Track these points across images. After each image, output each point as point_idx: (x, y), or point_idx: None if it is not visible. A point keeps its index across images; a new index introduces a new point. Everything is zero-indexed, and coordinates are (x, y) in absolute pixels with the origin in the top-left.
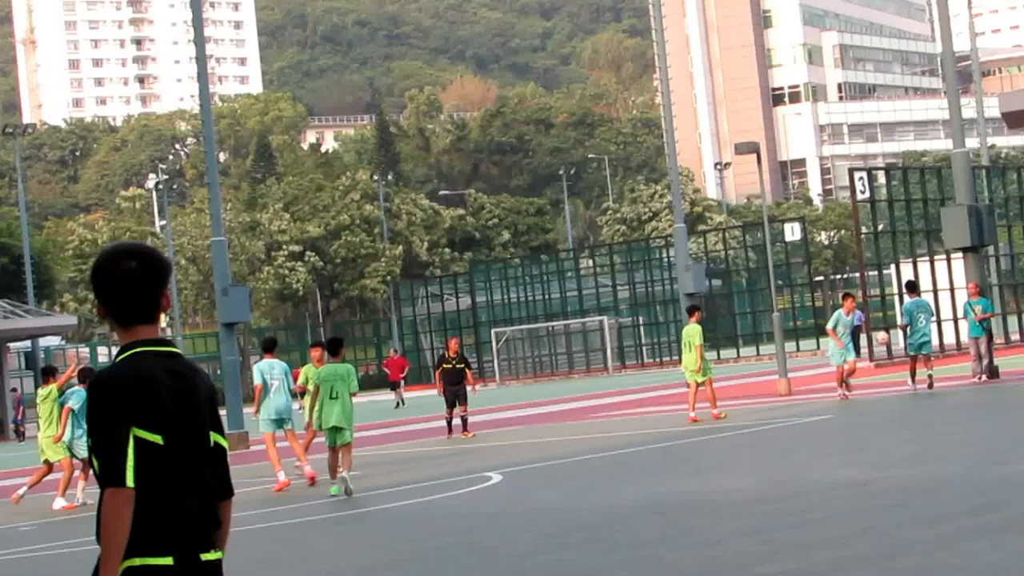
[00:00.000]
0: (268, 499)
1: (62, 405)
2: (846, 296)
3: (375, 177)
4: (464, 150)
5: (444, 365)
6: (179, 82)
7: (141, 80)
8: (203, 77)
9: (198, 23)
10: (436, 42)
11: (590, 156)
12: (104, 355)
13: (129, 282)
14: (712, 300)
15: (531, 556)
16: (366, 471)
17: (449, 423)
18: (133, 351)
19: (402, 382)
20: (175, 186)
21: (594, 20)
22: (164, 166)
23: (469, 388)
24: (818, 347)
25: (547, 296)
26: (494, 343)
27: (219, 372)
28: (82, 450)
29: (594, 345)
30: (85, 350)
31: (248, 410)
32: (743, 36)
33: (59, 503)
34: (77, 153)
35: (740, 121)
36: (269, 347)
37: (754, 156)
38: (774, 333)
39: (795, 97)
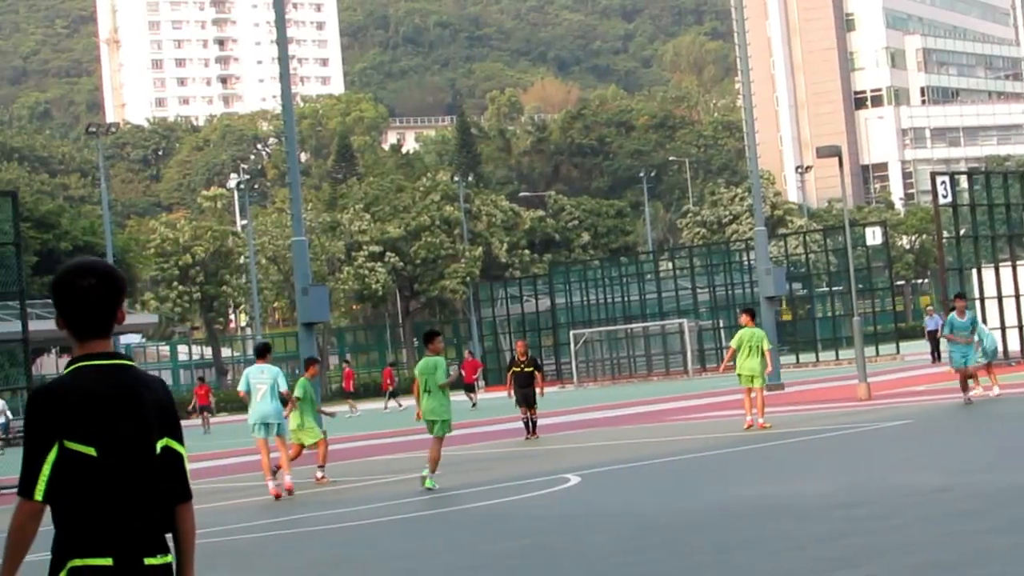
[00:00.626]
0: (340, 499)
1: None
2: (958, 297)
3: (455, 178)
4: (545, 152)
5: (514, 368)
6: (261, 82)
7: (224, 80)
8: (285, 77)
9: (281, 24)
10: (518, 44)
11: (671, 159)
12: (184, 353)
13: (86, 298)
14: (792, 304)
15: (608, 559)
16: (444, 471)
17: (526, 424)
18: (79, 364)
19: (476, 384)
20: (256, 186)
21: (676, 22)
22: (245, 166)
23: (538, 391)
24: (898, 352)
25: (626, 298)
26: (573, 345)
27: (297, 372)
28: None
29: (673, 348)
30: (165, 348)
31: (327, 410)
32: (825, 39)
33: None
34: (159, 152)
35: (821, 124)
36: (261, 352)
37: (835, 160)
38: (854, 337)
39: (877, 101)
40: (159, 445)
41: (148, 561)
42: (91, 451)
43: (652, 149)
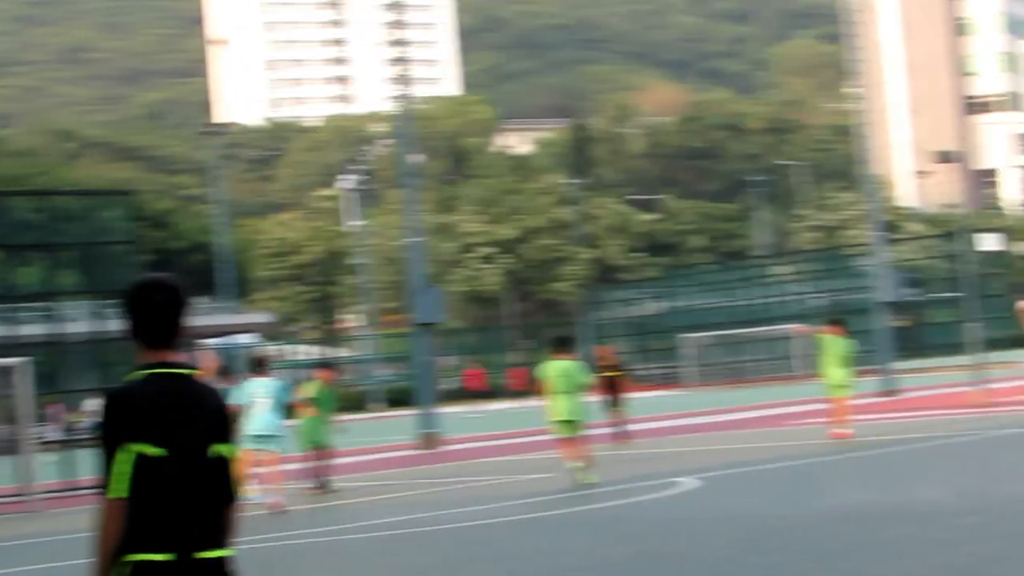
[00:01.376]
0: (455, 499)
1: None
2: None
3: (568, 181)
4: (657, 155)
5: (600, 372)
6: (375, 83)
7: (337, 81)
8: (401, 79)
9: (397, 25)
10: (630, 47)
11: (783, 162)
12: (298, 353)
13: (157, 311)
14: (905, 309)
15: (723, 563)
16: (557, 473)
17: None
18: (147, 372)
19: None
20: (369, 187)
21: (788, 26)
22: (359, 167)
23: (622, 395)
24: (1015, 359)
25: (740, 302)
26: (686, 349)
27: (410, 372)
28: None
29: (786, 352)
30: (281, 347)
31: (440, 411)
32: (937, 43)
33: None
34: (273, 153)
35: (934, 129)
36: (260, 366)
37: (948, 164)
38: (970, 344)
39: (992, 106)
40: (215, 451)
41: (203, 555)
42: (160, 452)
43: (765, 153)
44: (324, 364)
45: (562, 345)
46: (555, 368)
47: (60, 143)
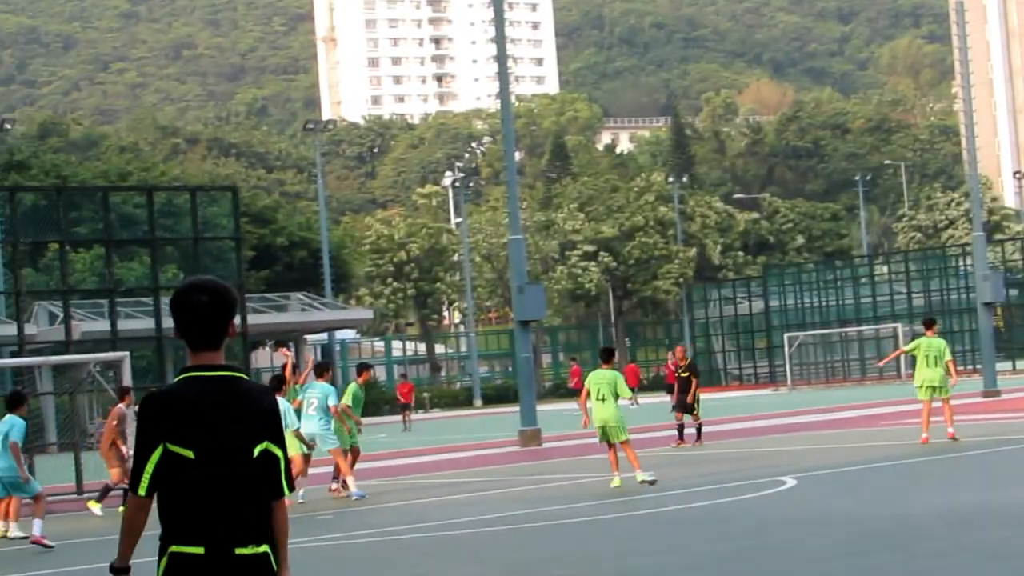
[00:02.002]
0: (556, 496)
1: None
2: None
3: (670, 179)
4: (759, 154)
5: (675, 372)
6: (476, 81)
7: (439, 79)
8: (503, 77)
9: (498, 23)
10: (733, 45)
11: (886, 162)
12: (398, 349)
13: (199, 313)
14: (1009, 310)
15: (824, 562)
16: (658, 471)
17: (680, 430)
18: (186, 375)
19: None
20: (471, 184)
21: (892, 25)
22: (460, 164)
23: (698, 396)
24: None
25: (840, 302)
26: (787, 347)
27: (510, 369)
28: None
29: (887, 352)
30: (380, 344)
31: (541, 408)
32: None
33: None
34: (375, 150)
35: None
36: (322, 371)
37: None
38: None
39: None
40: (258, 449)
41: (239, 551)
42: (189, 453)
43: (868, 152)
44: (362, 366)
45: (608, 355)
46: (597, 376)
47: (164, 139)
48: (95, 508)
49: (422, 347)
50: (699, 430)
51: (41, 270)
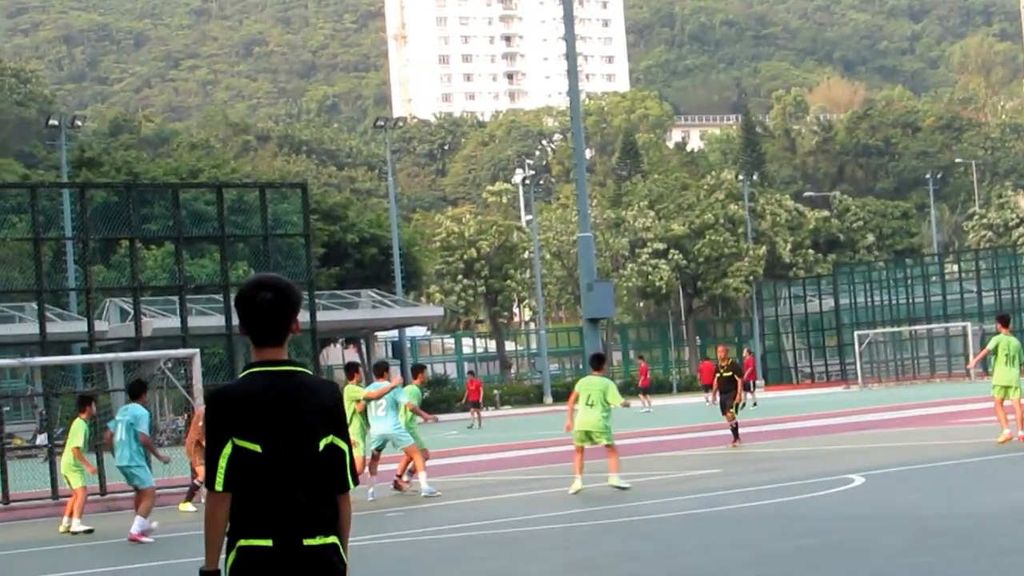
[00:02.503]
0: (622, 493)
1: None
2: None
3: (740, 177)
4: (830, 152)
5: (716, 372)
6: (547, 79)
7: (509, 76)
8: (573, 74)
9: (569, 21)
10: (804, 43)
11: (957, 160)
12: (468, 346)
13: (263, 309)
14: None
15: (893, 560)
16: (727, 469)
17: (735, 430)
18: (250, 370)
19: (751, 383)
20: (541, 182)
21: (964, 23)
22: (531, 161)
23: (742, 397)
24: None
25: (911, 300)
26: (856, 345)
27: (581, 366)
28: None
29: (957, 350)
30: (450, 341)
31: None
32: None
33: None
34: (445, 147)
35: None
36: (382, 371)
37: None
38: None
39: None
40: (323, 443)
41: (307, 542)
42: (256, 448)
43: (938, 150)
44: (417, 367)
45: (598, 362)
46: (588, 383)
47: (235, 136)
48: (187, 507)
49: (492, 344)
50: (735, 430)
51: (112, 267)
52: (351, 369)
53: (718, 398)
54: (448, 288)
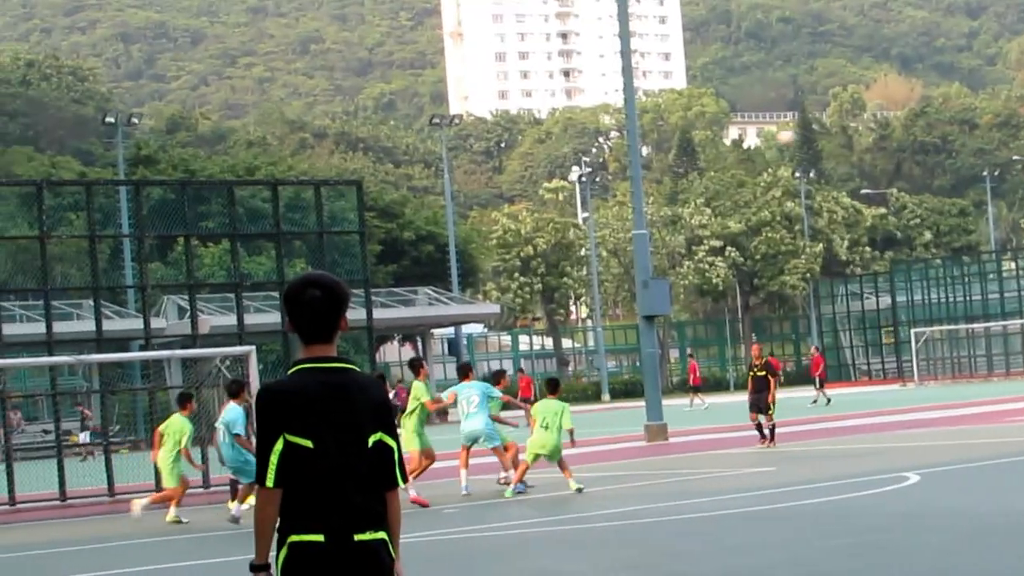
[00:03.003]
0: (679, 492)
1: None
2: None
3: (797, 174)
4: (887, 149)
5: (750, 372)
6: (603, 76)
7: (566, 73)
8: (628, 71)
9: (624, 18)
10: (860, 40)
11: (1015, 158)
12: (525, 344)
13: (312, 307)
14: None
15: (947, 557)
16: (780, 466)
17: (759, 429)
18: (299, 367)
19: (821, 380)
20: (598, 179)
21: (1021, 20)
22: (587, 159)
23: (770, 397)
24: None
25: (968, 297)
26: (913, 343)
27: (638, 364)
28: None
29: (1015, 348)
30: (507, 338)
31: (667, 403)
32: None
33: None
34: (502, 144)
35: None
36: (465, 371)
37: None
38: None
39: None
40: (372, 439)
41: (358, 537)
42: (308, 443)
43: (996, 148)
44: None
45: (554, 386)
46: (544, 407)
47: (291, 134)
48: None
49: (549, 342)
50: (772, 431)
51: (169, 264)
52: (416, 365)
53: (751, 397)
54: (505, 285)
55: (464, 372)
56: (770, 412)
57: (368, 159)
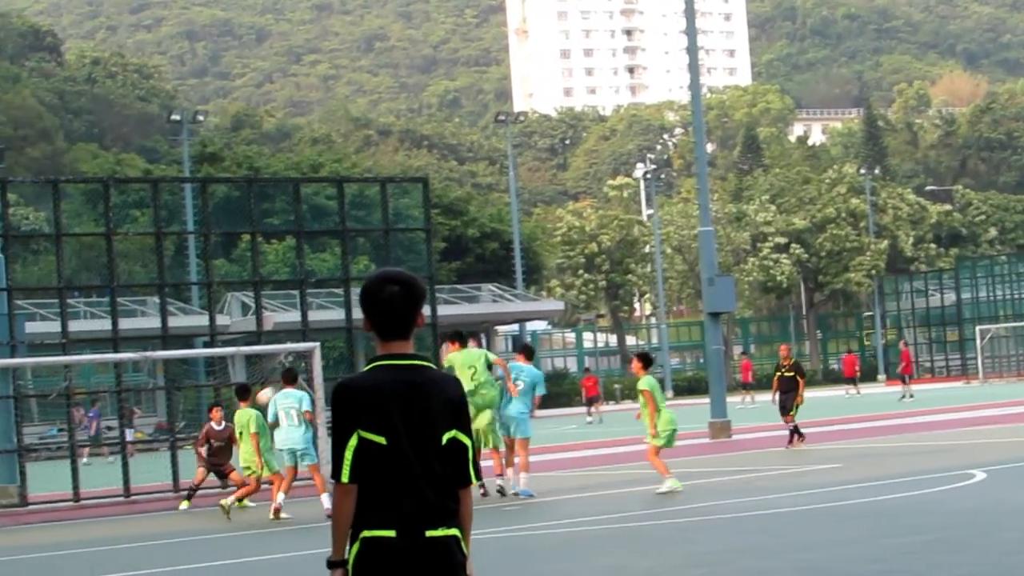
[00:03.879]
0: (743, 488)
1: None
2: None
3: (862, 171)
4: (952, 145)
5: (777, 372)
6: (668, 73)
7: (631, 70)
8: (694, 68)
9: (690, 15)
10: (926, 36)
11: None
12: (588, 341)
13: (390, 304)
14: None
15: (1014, 555)
16: (846, 463)
17: (796, 431)
18: (375, 364)
19: (907, 376)
20: (662, 176)
21: None
22: (652, 156)
23: (798, 399)
24: None
25: None
26: (978, 340)
27: (701, 360)
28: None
29: None
30: (571, 335)
31: (732, 400)
32: None
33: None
34: (566, 141)
35: None
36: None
37: None
38: None
39: None
40: (446, 437)
41: (429, 533)
42: (381, 440)
43: None
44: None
45: (526, 352)
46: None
47: (356, 131)
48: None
49: (613, 339)
50: (793, 432)
51: (233, 261)
52: (530, 351)
53: (779, 398)
54: (569, 282)
55: (530, 354)
56: (791, 413)
57: (432, 156)
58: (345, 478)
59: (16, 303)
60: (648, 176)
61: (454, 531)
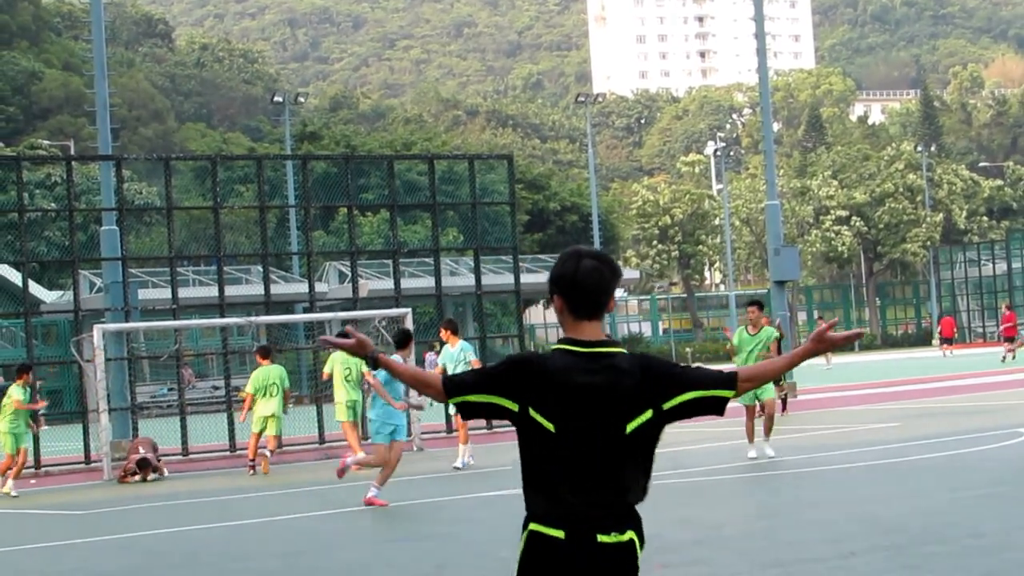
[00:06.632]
0: (808, 445)
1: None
2: None
3: (919, 148)
4: (1004, 124)
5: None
6: (737, 56)
7: (702, 54)
8: (762, 52)
9: (758, 2)
10: (980, 22)
11: None
12: (663, 308)
13: (588, 279)
14: None
15: None
16: (906, 423)
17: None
18: (562, 346)
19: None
20: (731, 153)
21: None
22: (722, 134)
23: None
24: None
25: None
26: None
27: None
28: None
29: None
30: (647, 302)
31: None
32: None
33: None
34: (642, 121)
35: None
36: (265, 353)
37: None
38: None
39: None
40: (630, 427)
41: (601, 538)
42: (549, 426)
43: None
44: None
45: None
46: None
47: (446, 111)
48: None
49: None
50: (784, 400)
51: (331, 232)
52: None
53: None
54: (644, 252)
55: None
56: (781, 383)
57: (517, 135)
58: (452, 399)
59: (130, 272)
60: (718, 153)
61: (628, 536)
